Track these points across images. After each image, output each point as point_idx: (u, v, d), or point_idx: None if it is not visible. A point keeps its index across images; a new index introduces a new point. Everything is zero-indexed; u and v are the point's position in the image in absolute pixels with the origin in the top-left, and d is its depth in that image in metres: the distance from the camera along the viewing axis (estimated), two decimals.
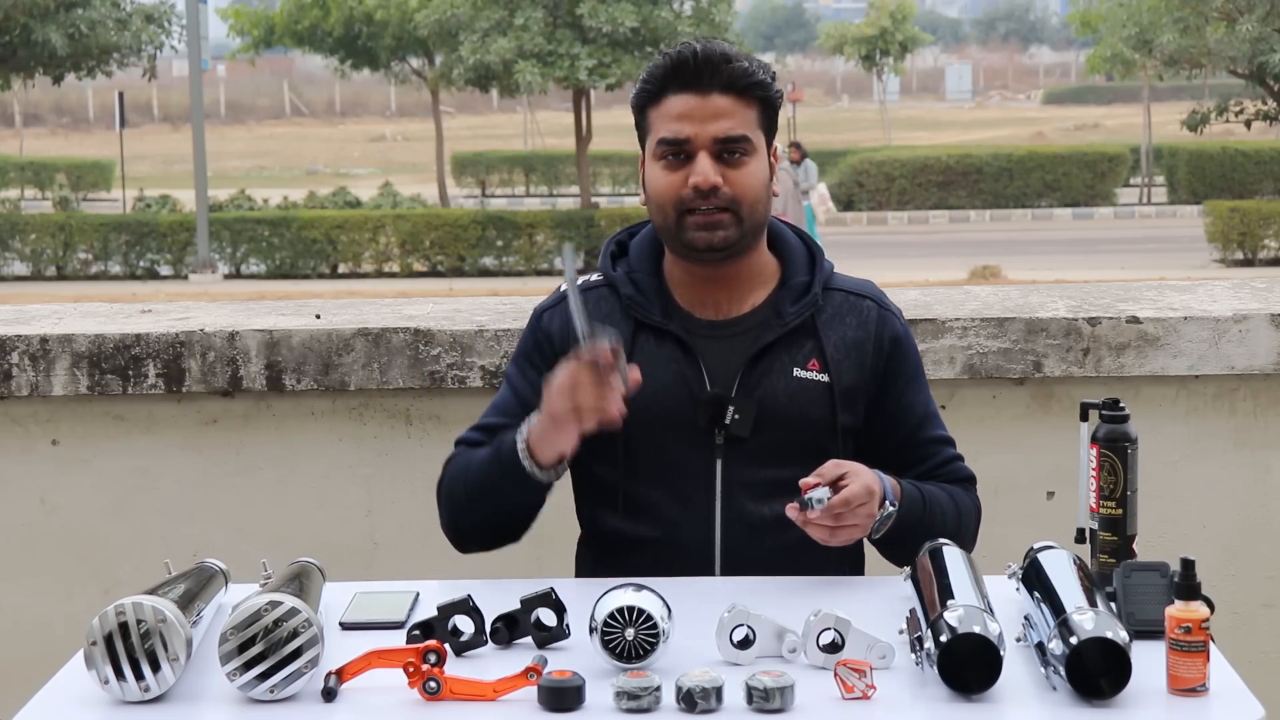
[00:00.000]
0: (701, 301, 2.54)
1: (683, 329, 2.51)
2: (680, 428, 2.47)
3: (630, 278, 2.56)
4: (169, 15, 25.54)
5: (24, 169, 34.06)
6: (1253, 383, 3.26)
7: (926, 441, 2.59)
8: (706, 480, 2.48)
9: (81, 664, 2.00)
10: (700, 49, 2.48)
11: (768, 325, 2.52)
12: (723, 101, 2.46)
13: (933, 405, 2.63)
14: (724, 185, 2.45)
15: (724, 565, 2.49)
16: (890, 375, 2.56)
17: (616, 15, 23.75)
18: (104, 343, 3.26)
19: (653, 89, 2.50)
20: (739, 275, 2.54)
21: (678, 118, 2.47)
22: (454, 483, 2.56)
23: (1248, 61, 22.09)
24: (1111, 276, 18.21)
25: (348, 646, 2.08)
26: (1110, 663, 1.91)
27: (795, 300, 2.53)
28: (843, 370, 2.52)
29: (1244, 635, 3.21)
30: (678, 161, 2.47)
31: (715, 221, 2.46)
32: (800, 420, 2.49)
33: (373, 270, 23.10)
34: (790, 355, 2.51)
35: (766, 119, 2.52)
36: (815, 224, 20.92)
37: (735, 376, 2.49)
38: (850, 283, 2.61)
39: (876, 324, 2.56)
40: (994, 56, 76.88)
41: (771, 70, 2.53)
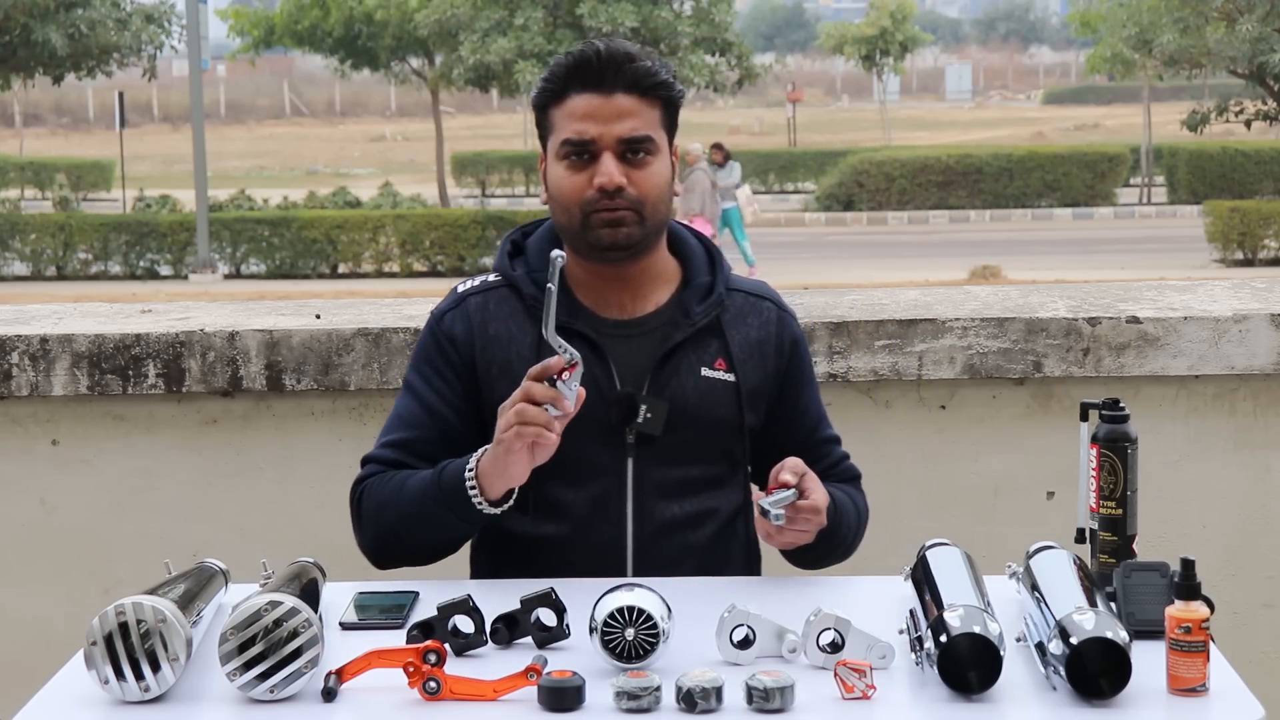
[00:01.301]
0: (605, 301, 2.54)
1: (589, 328, 2.50)
2: (591, 427, 2.44)
3: (532, 278, 2.53)
4: (169, 15, 25.53)
5: (24, 169, 34.04)
6: (1253, 383, 3.26)
7: (821, 441, 2.62)
8: (618, 480, 2.48)
9: (81, 664, 2.00)
10: (603, 48, 2.47)
11: (676, 324, 2.52)
12: (626, 101, 2.46)
13: (822, 405, 2.66)
14: (628, 185, 2.45)
15: (635, 564, 2.48)
16: (790, 376, 2.59)
17: (616, 15, 23.76)
18: (104, 343, 3.26)
19: (555, 88, 2.49)
20: (642, 274, 2.54)
21: (581, 118, 2.46)
22: (382, 508, 2.49)
23: (1248, 61, 22.09)
24: (1111, 276, 18.21)
25: (348, 646, 2.08)
26: (1110, 663, 1.91)
27: (701, 299, 2.54)
28: (747, 370, 2.54)
29: (1244, 635, 3.21)
30: (581, 162, 2.46)
31: (619, 219, 2.45)
32: (709, 419, 2.49)
33: (373, 270, 23.09)
34: (698, 354, 2.52)
35: (668, 118, 2.52)
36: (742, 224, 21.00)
37: (645, 375, 2.49)
38: (748, 284, 2.63)
39: (777, 325, 2.59)
40: (994, 56, 76.88)
41: (672, 70, 2.53)
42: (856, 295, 3.49)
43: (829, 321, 3.23)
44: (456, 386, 2.52)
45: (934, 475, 3.30)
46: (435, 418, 2.51)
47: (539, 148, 2.57)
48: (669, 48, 24.55)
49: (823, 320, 3.23)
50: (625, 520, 2.49)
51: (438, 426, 2.51)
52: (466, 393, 2.52)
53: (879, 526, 3.26)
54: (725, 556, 2.54)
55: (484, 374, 2.51)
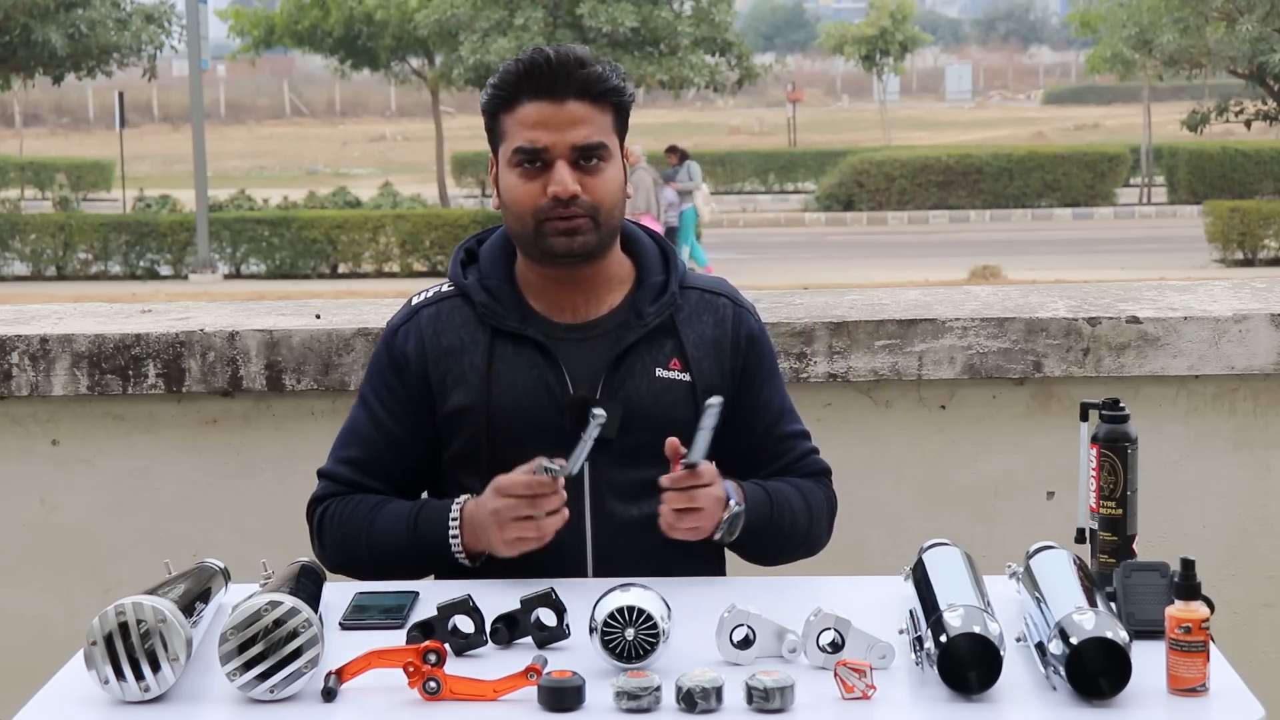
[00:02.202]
0: (559, 305, 2.53)
1: (541, 333, 2.50)
2: (545, 432, 2.44)
3: (483, 285, 2.53)
4: (169, 15, 25.53)
5: (24, 169, 34.05)
6: (1253, 383, 3.26)
7: (783, 437, 2.60)
8: (574, 483, 2.46)
9: (81, 664, 2.00)
10: (554, 55, 2.45)
11: (628, 326, 2.51)
12: (578, 108, 2.45)
13: (788, 400, 2.64)
14: (582, 193, 2.44)
15: (595, 567, 2.48)
16: (747, 373, 2.57)
17: (616, 15, 23.75)
18: (104, 343, 3.26)
19: (506, 95, 2.48)
20: (595, 277, 2.53)
21: (533, 125, 2.45)
22: (353, 537, 2.51)
23: (1248, 61, 22.10)
24: (1111, 276, 18.21)
25: (348, 646, 2.08)
26: (1110, 663, 1.91)
27: (654, 299, 2.53)
28: (703, 368, 2.53)
29: (1244, 635, 3.21)
30: (534, 170, 2.46)
31: (575, 227, 2.45)
32: (664, 420, 2.47)
33: (373, 270, 23.09)
34: (652, 355, 2.51)
35: (620, 122, 2.51)
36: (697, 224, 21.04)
37: (599, 378, 2.49)
38: (704, 281, 2.61)
39: (733, 322, 2.57)
40: (994, 56, 76.86)
41: (624, 73, 2.52)
42: (856, 295, 3.49)
43: (829, 321, 3.23)
44: (408, 404, 2.53)
45: (934, 475, 3.30)
46: (386, 436, 2.54)
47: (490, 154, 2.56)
48: (669, 48, 24.55)
49: (823, 320, 3.23)
50: (584, 523, 2.48)
51: (389, 445, 2.54)
52: (418, 409, 2.53)
53: (879, 526, 3.27)
54: (685, 557, 2.50)
55: (437, 385, 2.52)
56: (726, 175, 32.72)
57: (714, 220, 25.81)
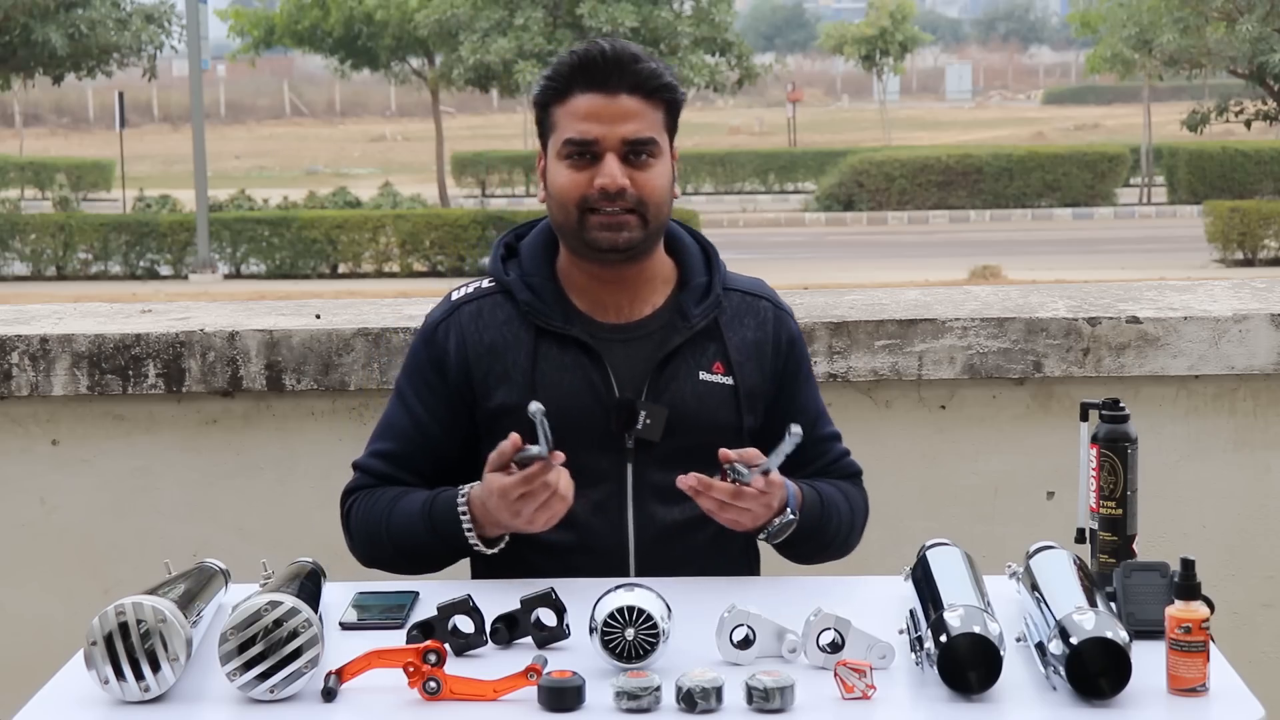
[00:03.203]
0: (601, 304, 2.52)
1: (586, 333, 2.49)
2: (590, 434, 2.44)
3: (526, 282, 2.52)
4: (169, 15, 25.53)
5: (24, 169, 34.04)
6: (1253, 383, 3.26)
7: (820, 439, 2.61)
8: (618, 485, 2.47)
9: (81, 664, 2.01)
10: (609, 48, 2.45)
11: (674, 328, 2.51)
12: (630, 103, 2.45)
13: (822, 402, 2.66)
14: (630, 187, 2.44)
15: (638, 569, 2.48)
16: (787, 375, 2.58)
17: (616, 15, 23.75)
18: (104, 343, 3.26)
19: (559, 86, 2.47)
20: (639, 277, 2.52)
21: (585, 117, 2.44)
22: (374, 530, 2.53)
23: (1248, 61, 22.09)
24: (1111, 276, 18.21)
25: (348, 646, 2.08)
26: (1110, 663, 1.91)
27: (698, 301, 2.53)
28: (745, 372, 2.53)
29: (1244, 635, 3.21)
30: (583, 161, 2.45)
31: (620, 223, 2.44)
32: (708, 423, 2.47)
33: (373, 270, 23.10)
34: (696, 358, 2.51)
35: (671, 120, 2.51)
36: None
37: (643, 381, 2.48)
38: (744, 282, 2.61)
39: (774, 324, 2.58)
40: (994, 56, 76.83)
41: (675, 72, 2.53)
42: (856, 295, 3.49)
43: (829, 321, 3.23)
44: (446, 401, 2.53)
45: (934, 475, 3.30)
46: (422, 432, 2.54)
47: (539, 147, 2.56)
48: (669, 48, 24.54)
49: (823, 320, 3.23)
50: (626, 525, 2.48)
51: (425, 442, 2.54)
52: (456, 406, 2.53)
53: (879, 526, 3.27)
54: (726, 558, 2.53)
55: (480, 384, 2.51)
56: (726, 175, 32.72)
57: (714, 220, 25.82)
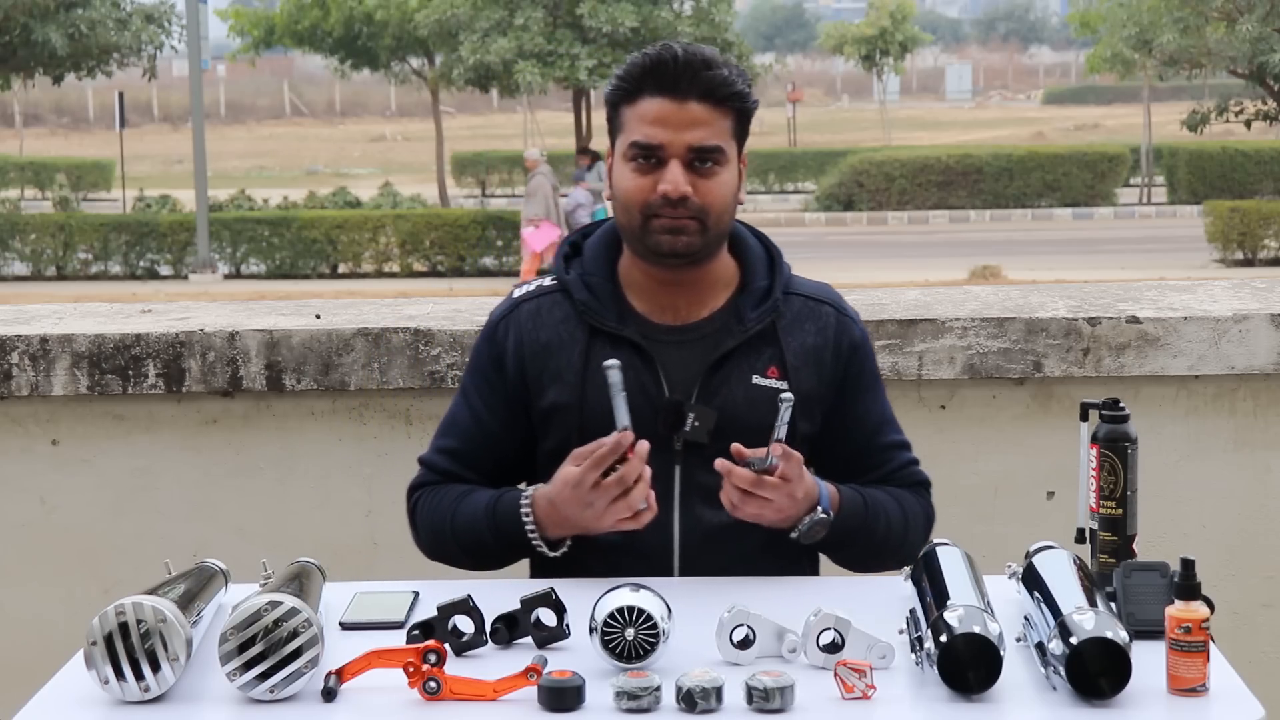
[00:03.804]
0: (659, 306, 2.52)
1: (640, 334, 2.49)
2: (639, 434, 2.41)
3: (585, 281, 2.53)
4: (169, 15, 25.54)
5: (24, 169, 34.06)
6: (1253, 383, 3.26)
7: (882, 447, 2.59)
8: (665, 487, 2.46)
9: (81, 664, 2.00)
10: (681, 53, 2.43)
11: (728, 331, 2.50)
12: (699, 110, 2.42)
13: (889, 410, 2.62)
14: (693, 195, 2.42)
15: (682, 571, 2.48)
16: (848, 382, 2.55)
17: (616, 15, 23.75)
18: (104, 343, 3.26)
19: (629, 88, 2.46)
20: (700, 280, 2.52)
21: (652, 122, 2.43)
22: (439, 528, 2.55)
23: (1248, 61, 22.09)
24: (1111, 276, 18.20)
25: (348, 646, 2.08)
26: (1110, 663, 1.91)
27: (756, 305, 2.51)
28: (801, 378, 2.50)
29: (1244, 635, 3.21)
30: (648, 165, 2.44)
31: (681, 227, 2.43)
32: (758, 428, 2.42)
33: (373, 270, 23.09)
34: (750, 362, 2.49)
35: (740, 127, 2.49)
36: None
37: (694, 383, 2.48)
38: (809, 287, 2.59)
39: (835, 330, 2.55)
40: (994, 56, 76.85)
41: (749, 78, 2.50)
42: (856, 295, 3.49)
43: None
44: (505, 399, 2.54)
45: (934, 475, 3.28)
46: (483, 429, 2.55)
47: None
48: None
49: None
50: (672, 527, 2.48)
51: (485, 438, 2.55)
52: (514, 404, 2.54)
53: None
54: (774, 566, 2.49)
55: (534, 381, 2.52)
56: None
57: None
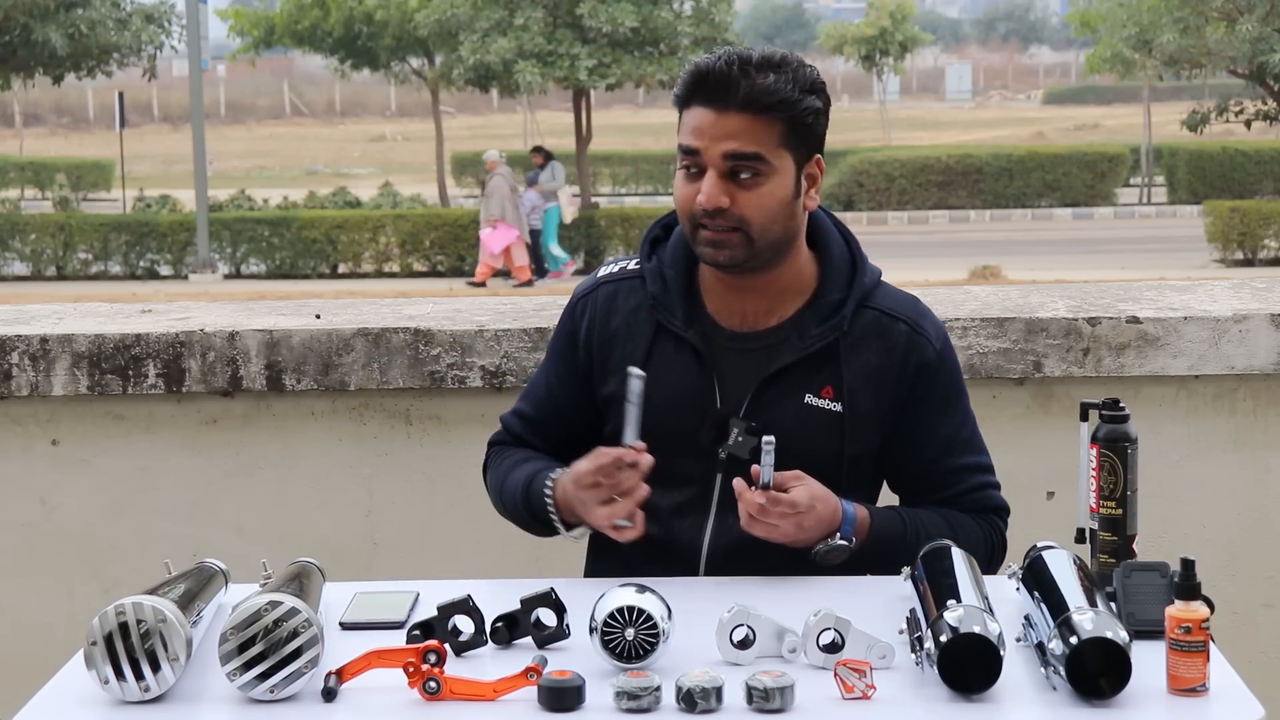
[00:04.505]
0: (729, 309, 2.50)
1: (702, 338, 2.48)
2: (687, 439, 2.45)
3: (661, 273, 2.52)
4: (169, 15, 25.54)
5: (24, 169, 34.05)
6: (1253, 383, 3.26)
7: (951, 469, 2.53)
8: (703, 491, 2.47)
9: (81, 664, 2.00)
10: (724, 62, 2.39)
11: (788, 345, 2.46)
12: (738, 120, 2.38)
13: (966, 430, 2.55)
14: (731, 206, 2.39)
15: (707, 573, 2.48)
16: (912, 403, 2.49)
17: (616, 15, 23.73)
18: (104, 343, 3.26)
19: (683, 95, 2.44)
20: (770, 286, 2.48)
21: (693, 131, 2.41)
22: (497, 490, 2.63)
23: (1248, 61, 22.09)
24: (1111, 276, 18.20)
25: (348, 646, 2.08)
26: (1110, 663, 1.91)
27: (821, 321, 2.47)
28: (858, 399, 2.46)
29: (1244, 635, 3.21)
30: (693, 174, 2.42)
31: (722, 240, 2.40)
32: (805, 450, 2.41)
33: (373, 270, 23.09)
34: (806, 379, 2.46)
35: (794, 135, 2.41)
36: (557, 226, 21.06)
37: (746, 396, 2.46)
38: (890, 301, 2.53)
39: (904, 350, 2.48)
40: (994, 56, 76.81)
41: (809, 82, 2.41)
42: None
43: None
44: (575, 375, 2.59)
45: None
46: (553, 400, 2.61)
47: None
48: (669, 48, 24.53)
49: None
50: (704, 530, 2.48)
51: (554, 409, 2.61)
52: (583, 383, 2.58)
53: None
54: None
55: (599, 369, 2.55)
56: None
57: None
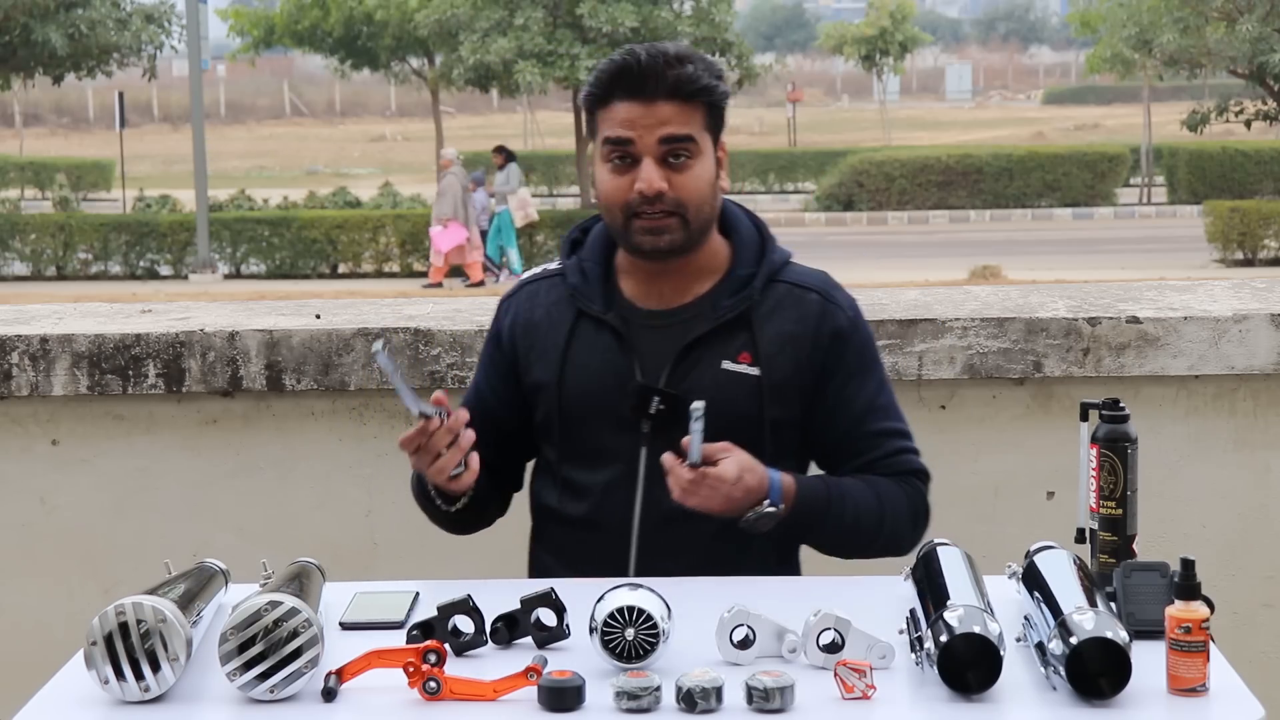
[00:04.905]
0: (646, 292, 2.60)
1: (620, 319, 2.57)
2: (610, 415, 2.54)
3: (581, 267, 2.62)
4: (169, 15, 25.53)
5: (24, 169, 34.04)
6: (1253, 383, 3.26)
7: (870, 434, 2.61)
8: (630, 466, 2.54)
9: (81, 664, 2.01)
10: (645, 57, 2.50)
11: (702, 317, 2.56)
12: (667, 109, 2.49)
13: (883, 396, 2.64)
14: (669, 190, 2.48)
15: (639, 549, 2.54)
16: (829, 369, 2.58)
17: (616, 15, 23.74)
18: (104, 343, 3.26)
19: (600, 93, 2.53)
20: (686, 267, 2.58)
21: (622, 124, 2.50)
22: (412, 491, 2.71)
23: (1248, 61, 22.09)
24: (1111, 276, 18.20)
25: (348, 646, 2.08)
26: (1110, 663, 1.91)
27: (733, 293, 2.57)
28: (775, 364, 2.55)
29: (1244, 635, 3.21)
30: (624, 165, 2.51)
31: (661, 226, 2.50)
32: (726, 412, 2.47)
33: (373, 270, 23.09)
34: (722, 347, 2.55)
35: (713, 119, 2.54)
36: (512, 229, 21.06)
37: (665, 367, 2.54)
38: (799, 275, 2.62)
39: (817, 318, 2.58)
40: (994, 56, 76.83)
41: (718, 70, 2.55)
42: (856, 295, 3.48)
43: None
44: (502, 373, 2.67)
45: (934, 475, 3.29)
46: (483, 402, 2.68)
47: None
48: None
49: None
50: (634, 505, 2.54)
51: (484, 409, 2.66)
52: (509, 380, 2.66)
53: None
54: (730, 550, 2.52)
55: (523, 360, 2.64)
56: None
57: None
